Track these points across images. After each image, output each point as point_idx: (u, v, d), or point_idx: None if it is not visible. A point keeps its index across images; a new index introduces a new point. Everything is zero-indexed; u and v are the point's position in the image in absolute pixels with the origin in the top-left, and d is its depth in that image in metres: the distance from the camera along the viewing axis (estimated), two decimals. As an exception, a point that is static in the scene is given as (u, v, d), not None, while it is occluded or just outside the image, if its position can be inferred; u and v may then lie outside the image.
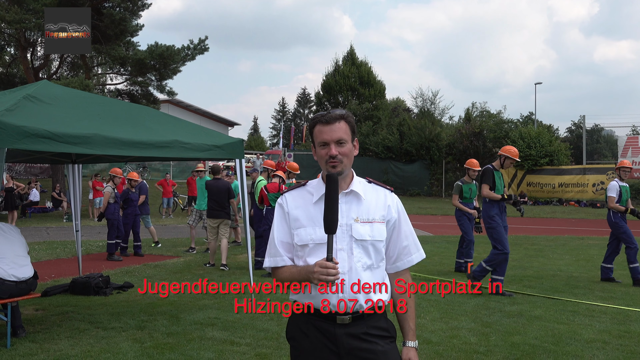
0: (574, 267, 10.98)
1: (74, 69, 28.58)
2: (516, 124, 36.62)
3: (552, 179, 31.43)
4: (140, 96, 25.95)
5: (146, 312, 7.28)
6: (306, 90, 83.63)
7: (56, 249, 13.36)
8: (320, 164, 2.57)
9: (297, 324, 2.61)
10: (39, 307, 7.62)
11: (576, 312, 7.24)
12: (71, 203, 9.50)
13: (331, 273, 2.33)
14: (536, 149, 31.20)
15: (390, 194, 2.66)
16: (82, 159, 8.68)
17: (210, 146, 6.85)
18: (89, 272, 9.53)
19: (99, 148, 5.68)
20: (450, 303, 7.75)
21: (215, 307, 7.57)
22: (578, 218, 23.86)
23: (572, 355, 5.52)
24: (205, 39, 24.24)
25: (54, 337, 6.18)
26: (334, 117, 2.52)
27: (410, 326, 2.63)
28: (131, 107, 7.79)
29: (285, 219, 2.61)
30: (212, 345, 5.88)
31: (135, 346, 5.85)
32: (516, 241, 15.16)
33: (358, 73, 40.68)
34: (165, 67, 24.07)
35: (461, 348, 5.74)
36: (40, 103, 5.87)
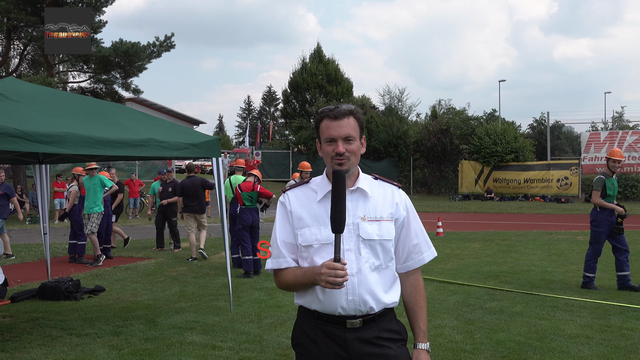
0: (547, 261, 11.09)
1: (34, 67, 27.80)
2: (481, 120, 37.10)
3: (518, 175, 31.97)
4: (105, 94, 25.36)
5: (120, 317, 7.03)
6: (272, 88, 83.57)
7: (21, 252, 12.93)
8: (325, 161, 2.43)
9: (303, 330, 2.46)
10: (6, 314, 7.30)
11: (556, 307, 7.27)
12: (38, 205, 9.16)
13: (339, 274, 2.19)
14: (502, 146, 31.68)
15: (398, 190, 2.55)
16: (49, 159, 8.35)
17: (186, 145, 6.64)
18: (57, 276, 9.20)
19: (72, 147, 5.43)
20: (431, 301, 7.70)
21: (193, 310, 7.36)
22: (544, 213, 24.25)
23: (558, 351, 5.51)
24: (172, 35, 23.89)
25: (24, 345, 5.90)
26: (342, 112, 2.39)
27: (422, 328, 2.52)
28: (103, 105, 7.50)
29: (288, 218, 2.47)
30: (193, 350, 5.68)
31: (112, 353, 5.61)
32: (487, 237, 15.31)
33: (325, 70, 40.58)
34: (131, 65, 23.59)
35: (447, 347, 5.68)
36: (7, 100, 5.59)
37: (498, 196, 31.34)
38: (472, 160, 32.84)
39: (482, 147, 31.97)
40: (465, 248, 13.19)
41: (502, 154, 31.69)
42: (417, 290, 2.54)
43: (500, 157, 31.75)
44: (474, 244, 13.93)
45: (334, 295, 2.34)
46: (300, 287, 2.42)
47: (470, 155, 33.02)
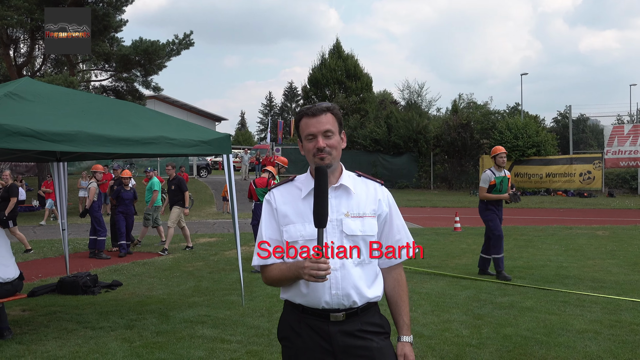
0: (564, 257, 11.00)
1: (58, 66, 28.24)
2: (503, 115, 36.72)
3: (540, 169, 31.59)
4: (126, 92, 25.71)
5: (135, 311, 7.19)
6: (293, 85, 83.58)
7: (43, 247, 13.20)
8: (307, 158, 2.49)
9: (288, 323, 2.54)
10: (26, 307, 7.51)
11: (567, 303, 7.24)
12: (56, 201, 9.37)
13: (322, 268, 2.25)
14: (523, 140, 31.32)
15: (381, 187, 2.60)
16: (66, 156, 8.55)
17: (197, 142, 6.75)
18: (76, 271, 9.42)
19: (83, 145, 5.57)
20: (442, 296, 7.74)
21: (205, 305, 7.49)
22: (566, 208, 23.97)
23: (564, 346, 5.51)
24: (190, 33, 24.06)
25: (41, 338, 6.08)
26: (320, 109, 2.46)
27: (405, 321, 2.58)
28: (116, 103, 7.66)
29: (273, 215, 2.54)
30: (202, 343, 5.80)
31: (124, 346, 5.76)
32: (505, 232, 15.06)
33: (344, 66, 40.54)
34: (150, 63, 23.84)
35: (453, 341, 5.71)
36: (22, 100, 5.75)
37: (519, 191, 31.04)
38: (493, 155, 32.52)
39: (503, 142, 31.59)
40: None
41: (523, 148, 31.32)
42: (399, 284, 2.60)
43: (522, 152, 31.38)
44: (491, 239, 13.84)
45: (317, 290, 2.41)
46: (285, 282, 2.49)
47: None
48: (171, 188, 12.70)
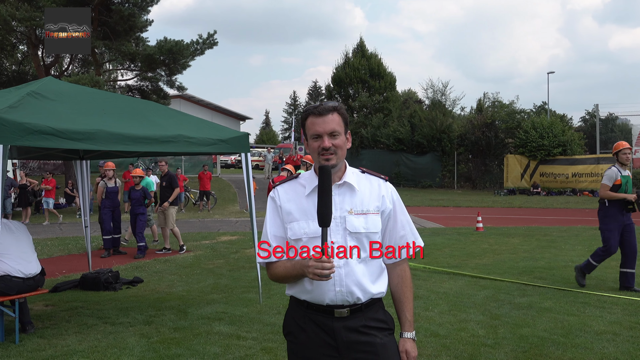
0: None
1: (84, 66, 28.72)
2: (529, 114, 36.28)
3: (566, 169, 31.15)
4: (151, 92, 26.02)
5: (154, 307, 7.29)
6: (317, 84, 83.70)
7: (68, 244, 13.45)
8: (312, 157, 2.52)
9: (294, 319, 2.58)
10: (49, 302, 7.67)
11: (587, 304, 7.15)
12: (79, 199, 9.53)
13: (326, 267, 2.28)
14: (549, 139, 30.92)
15: (385, 183, 2.61)
16: (89, 155, 8.70)
17: (215, 140, 6.82)
18: (99, 267, 9.58)
19: (103, 144, 5.67)
20: (459, 295, 7.69)
21: (223, 302, 7.56)
22: (592, 208, 23.54)
23: (581, 347, 5.45)
24: (214, 33, 24.25)
25: (62, 332, 6.21)
26: (326, 108, 2.47)
27: (408, 317, 2.59)
28: (136, 102, 7.78)
29: (277, 212, 2.57)
30: (219, 339, 5.87)
31: (142, 341, 5.85)
32: (528, 232, 15.06)
33: (368, 65, 40.32)
34: (175, 62, 24.09)
35: (469, 341, 5.68)
36: (44, 99, 5.87)
37: (545, 191, 30.66)
38: (517, 154, 32.16)
39: (528, 141, 31.28)
40: (503, 243, 13.01)
41: (549, 148, 30.92)
42: (403, 280, 2.61)
43: (547, 151, 30.99)
44: (513, 239, 13.73)
45: (322, 287, 2.44)
46: (290, 279, 2.53)
47: (516, 149, 32.35)
48: (162, 184, 12.63)
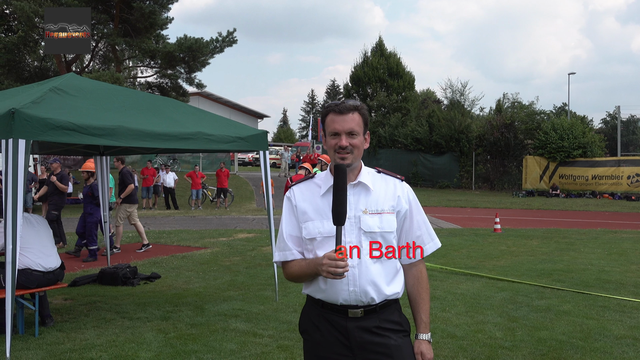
0: (606, 261, 10.71)
1: (105, 62, 28.99)
2: (549, 115, 35.94)
3: (586, 171, 30.80)
4: (170, 89, 26.21)
5: (172, 303, 7.34)
6: (335, 82, 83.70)
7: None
8: (329, 154, 2.52)
9: (309, 317, 2.58)
10: (68, 296, 7.75)
11: (606, 308, 7.06)
12: (99, 194, 9.62)
13: (340, 265, 2.28)
14: (569, 141, 30.60)
15: (401, 183, 2.60)
16: (109, 150, 8.78)
17: (234, 138, 6.84)
18: (117, 262, 9.66)
19: (123, 140, 5.71)
20: (477, 297, 7.64)
21: (240, 299, 7.59)
22: (612, 211, 23.31)
23: (600, 351, 5.38)
24: (234, 31, 24.38)
25: (80, 326, 6.27)
26: (347, 107, 2.47)
27: (423, 319, 2.57)
28: (156, 99, 7.82)
29: (293, 212, 2.57)
30: (235, 336, 5.89)
31: (159, 336, 5.90)
32: (547, 234, 14.91)
33: (387, 64, 40.24)
34: (194, 60, 24.25)
35: (486, 343, 5.64)
36: (65, 95, 5.93)
37: (564, 193, 30.35)
38: (537, 156, 31.87)
39: (547, 142, 30.98)
40: (521, 245, 12.89)
41: (568, 149, 30.59)
42: (419, 281, 2.59)
43: (567, 153, 30.66)
44: (531, 241, 13.60)
45: (335, 286, 2.44)
46: (305, 278, 2.53)
47: (535, 151, 32.06)
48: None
